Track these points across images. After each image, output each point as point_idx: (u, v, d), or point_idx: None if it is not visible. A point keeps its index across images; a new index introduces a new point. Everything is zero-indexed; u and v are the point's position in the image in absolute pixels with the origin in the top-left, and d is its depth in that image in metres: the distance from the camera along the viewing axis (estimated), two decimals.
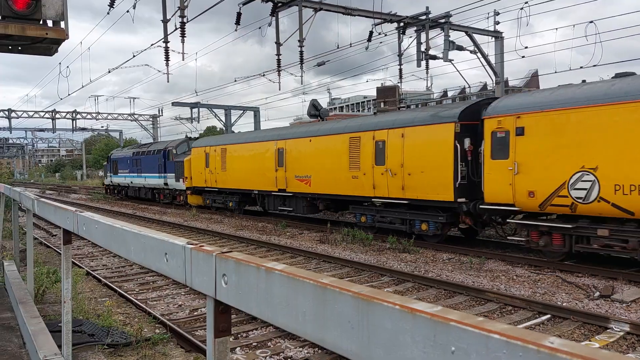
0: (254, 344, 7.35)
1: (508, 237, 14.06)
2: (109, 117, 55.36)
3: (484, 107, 13.55)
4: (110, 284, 11.13)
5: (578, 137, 11.21)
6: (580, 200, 11.23)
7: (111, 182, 39.58)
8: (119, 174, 37.75)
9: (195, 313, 8.97)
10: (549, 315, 8.50)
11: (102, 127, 64.11)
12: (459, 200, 13.90)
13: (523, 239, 12.91)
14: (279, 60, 19.14)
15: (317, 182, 18.79)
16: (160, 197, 32.21)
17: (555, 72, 22.26)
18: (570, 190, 11.39)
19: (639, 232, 10.56)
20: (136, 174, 34.51)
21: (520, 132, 12.29)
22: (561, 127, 11.53)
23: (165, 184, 30.62)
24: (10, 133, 62.35)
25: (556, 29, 24.07)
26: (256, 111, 43.56)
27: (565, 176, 11.44)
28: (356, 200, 17.28)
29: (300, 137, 19.88)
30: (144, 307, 9.20)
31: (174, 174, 29.42)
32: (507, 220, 14.00)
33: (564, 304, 9.03)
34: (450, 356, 0.96)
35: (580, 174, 11.20)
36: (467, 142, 13.86)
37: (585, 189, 11.11)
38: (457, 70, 23.55)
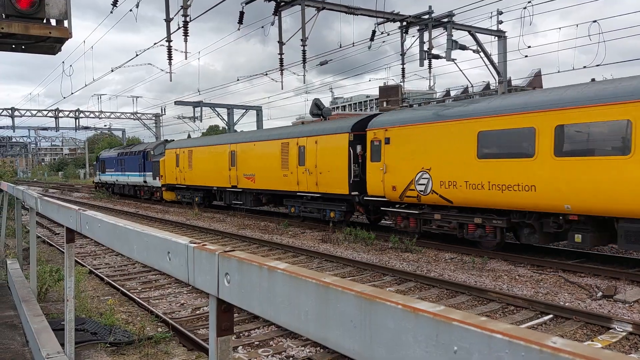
0: (256, 343, 7.35)
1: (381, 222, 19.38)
2: (112, 116, 55.43)
3: (369, 121, 17.11)
4: (112, 282, 11.15)
5: (420, 146, 14.91)
6: (422, 193, 14.90)
7: (100, 180, 43.41)
8: (106, 173, 41.61)
9: (198, 312, 8.98)
10: (551, 315, 8.49)
11: (105, 126, 64.21)
12: (353, 193, 17.42)
13: (391, 222, 17.23)
14: (281, 60, 19.14)
15: (260, 179, 22.38)
16: (140, 194, 35.65)
17: (559, 72, 22.22)
18: (416, 185, 15.04)
19: (458, 216, 14.26)
20: (121, 173, 38.13)
21: (387, 141, 16.08)
22: (411, 137, 15.32)
23: (145, 181, 34.05)
24: (14, 132, 62.55)
25: (559, 28, 24.06)
26: (259, 110, 43.56)
27: (413, 174, 15.11)
28: (287, 194, 20.96)
29: (248, 141, 23.81)
30: (147, 305, 9.21)
31: (152, 173, 32.82)
32: (381, 208, 16.95)
33: (567, 304, 9.02)
34: (452, 356, 0.96)
35: (421, 172, 14.87)
36: (358, 148, 17.45)
37: (424, 184, 14.80)
38: (460, 70, 23.51)
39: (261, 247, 15.78)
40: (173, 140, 35.31)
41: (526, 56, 21.44)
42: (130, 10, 18.62)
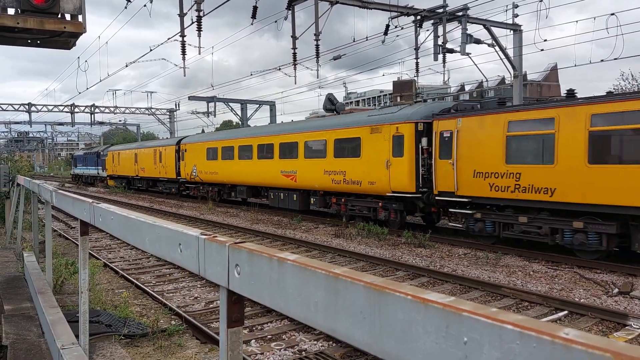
0: (268, 336, 7.38)
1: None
2: (127, 111, 55.76)
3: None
4: (127, 275, 11.26)
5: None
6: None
7: (74, 172, 60.53)
8: (78, 167, 57.77)
9: (211, 305, 9.03)
10: (566, 312, 8.41)
11: (120, 121, 64.62)
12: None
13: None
14: (294, 54, 19.11)
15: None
16: (97, 182, 50.85)
17: (575, 66, 21.90)
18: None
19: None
20: (85, 167, 54.07)
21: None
22: None
23: (98, 173, 49.46)
24: (30, 127, 63.21)
25: (576, 21, 23.70)
26: (272, 105, 43.59)
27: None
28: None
29: (125, 149, 36.44)
30: (161, 299, 9.29)
31: (101, 167, 47.70)
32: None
33: (582, 301, 8.92)
34: (462, 347, 0.95)
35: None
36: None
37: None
38: (475, 64, 23.30)
39: (274, 242, 15.82)
40: (113, 144, 54.67)
41: (542, 50, 21.17)
42: (145, 5, 18.73)
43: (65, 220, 21.46)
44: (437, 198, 14.99)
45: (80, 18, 5.47)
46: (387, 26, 20.87)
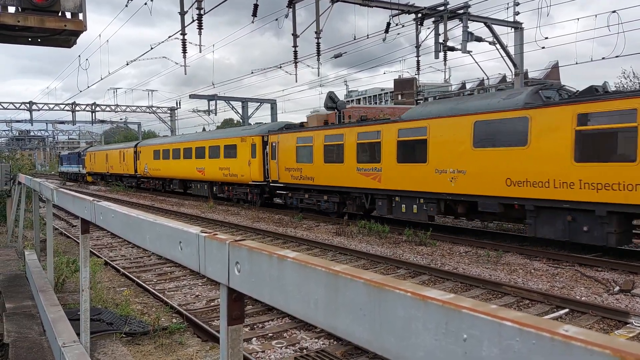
0: (269, 334, 7.39)
1: None
2: (128, 109, 55.79)
3: None
4: (128, 274, 11.28)
5: None
6: None
7: (61, 170, 67.60)
8: (63, 166, 65.39)
9: (212, 303, 9.04)
10: (567, 310, 8.41)
11: (121, 119, 64.70)
12: None
13: None
14: (295, 52, 19.11)
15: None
16: (79, 177, 57.01)
17: (577, 64, 21.84)
18: None
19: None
20: (69, 165, 61.76)
21: None
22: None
23: (79, 170, 56.73)
24: (32, 125, 63.35)
25: (577, 19, 23.69)
26: (273, 103, 43.58)
27: None
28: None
29: (99, 150, 43.52)
30: (162, 297, 9.30)
31: (82, 165, 55.15)
32: None
33: (583, 298, 8.92)
34: (462, 344, 0.95)
35: None
36: None
37: None
38: (476, 62, 23.26)
39: (275, 240, 15.83)
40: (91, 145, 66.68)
41: (543, 48, 21.14)
42: (145, 3, 18.72)
43: (66, 219, 21.48)
44: (270, 184, 23.14)
45: (80, 16, 5.48)
46: (388, 24, 20.84)
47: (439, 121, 14.86)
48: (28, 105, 50.20)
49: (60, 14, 5.36)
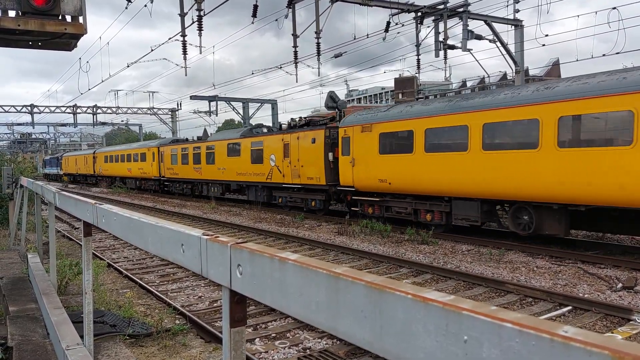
0: (272, 335, 7.40)
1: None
2: (129, 111, 55.90)
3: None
4: (131, 275, 11.29)
5: None
6: None
7: (44, 172, 77.99)
8: (46, 168, 77.30)
9: (215, 304, 9.05)
10: (570, 307, 8.40)
11: (122, 121, 64.91)
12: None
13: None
14: (296, 53, 19.13)
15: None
16: (59, 178, 65.45)
17: (577, 61, 21.84)
18: None
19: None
20: (51, 168, 73.44)
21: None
22: None
23: (58, 172, 67.53)
24: (33, 128, 63.54)
25: (577, 16, 23.64)
26: (274, 104, 43.58)
27: None
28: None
29: (71, 155, 61.49)
30: (165, 298, 9.31)
31: (60, 167, 65.73)
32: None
33: (586, 296, 8.91)
34: (462, 345, 0.95)
35: None
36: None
37: None
38: (476, 60, 23.28)
39: (277, 240, 15.84)
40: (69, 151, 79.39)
41: (543, 45, 21.11)
42: (145, 5, 18.75)
43: (68, 221, 21.52)
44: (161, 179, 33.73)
45: (80, 19, 5.48)
46: (388, 23, 20.85)
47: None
48: (29, 108, 50.30)
49: (60, 17, 5.37)
